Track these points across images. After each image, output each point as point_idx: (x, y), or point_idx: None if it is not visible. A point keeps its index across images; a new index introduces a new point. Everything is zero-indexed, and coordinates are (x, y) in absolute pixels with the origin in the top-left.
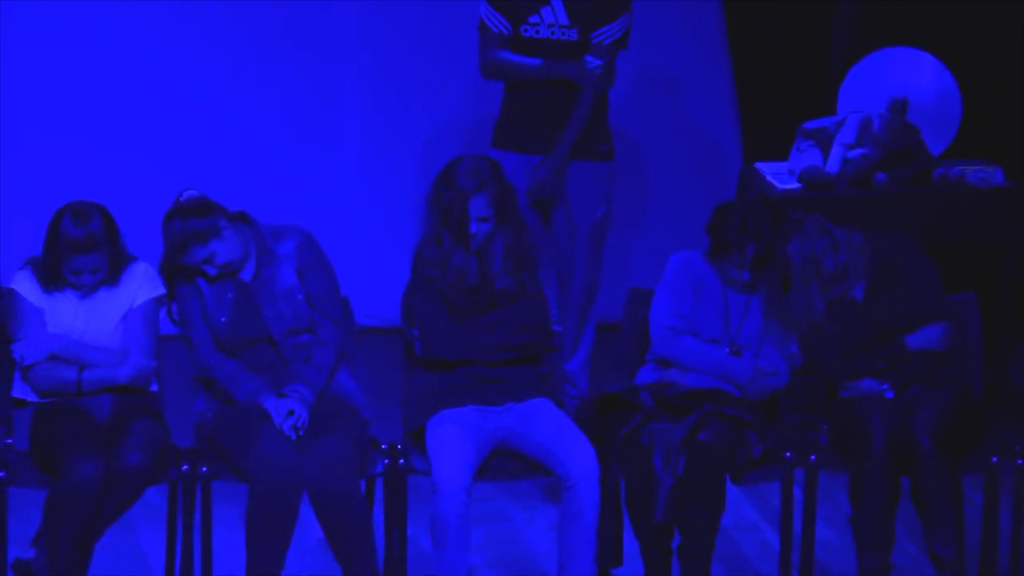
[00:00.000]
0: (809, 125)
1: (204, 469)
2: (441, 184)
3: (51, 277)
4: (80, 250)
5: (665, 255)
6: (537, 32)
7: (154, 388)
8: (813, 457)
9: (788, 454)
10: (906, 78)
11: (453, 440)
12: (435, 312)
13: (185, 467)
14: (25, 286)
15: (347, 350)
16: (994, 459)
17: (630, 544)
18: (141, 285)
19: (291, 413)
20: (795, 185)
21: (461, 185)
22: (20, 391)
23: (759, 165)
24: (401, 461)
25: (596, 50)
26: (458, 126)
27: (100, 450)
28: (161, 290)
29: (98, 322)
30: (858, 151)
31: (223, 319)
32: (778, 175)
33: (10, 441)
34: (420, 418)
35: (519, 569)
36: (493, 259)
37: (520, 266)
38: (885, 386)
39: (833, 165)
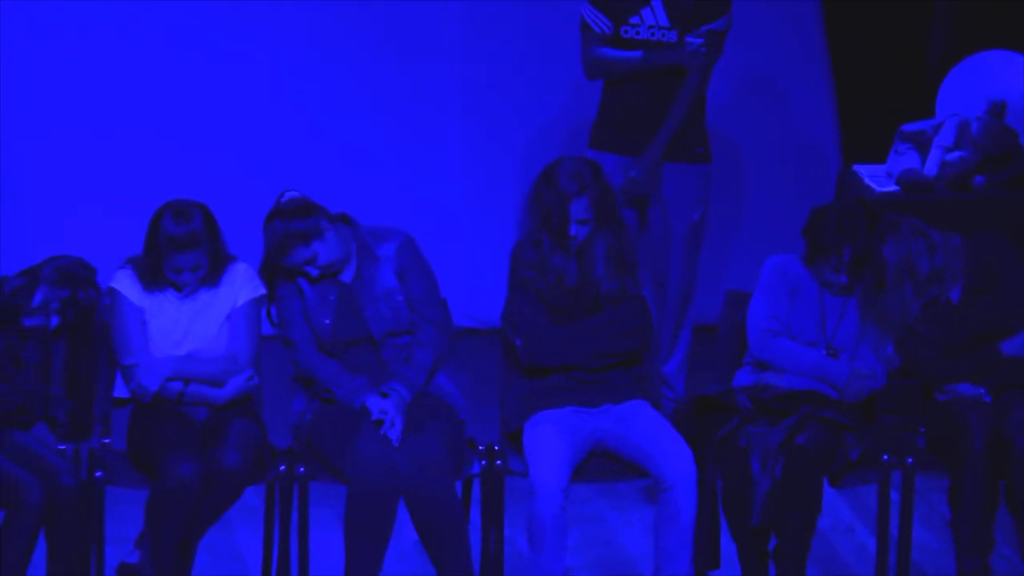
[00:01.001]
0: (907, 128)
1: (302, 470)
2: (541, 186)
3: (152, 276)
4: (181, 248)
5: (762, 258)
6: (637, 33)
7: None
8: (910, 460)
9: (885, 457)
10: (1005, 81)
11: (550, 442)
12: (535, 316)
13: (283, 468)
14: (126, 285)
15: (446, 352)
16: None
17: (727, 546)
18: (242, 285)
19: (389, 424)
20: (893, 188)
21: (562, 187)
22: (120, 390)
23: (857, 168)
24: (499, 462)
25: (697, 33)
26: (558, 128)
27: (198, 450)
28: (262, 290)
29: (201, 324)
30: (956, 154)
31: (326, 320)
32: (876, 178)
33: (108, 441)
34: (518, 419)
35: (615, 571)
36: (594, 262)
37: (622, 269)
38: (982, 390)
39: (931, 168)
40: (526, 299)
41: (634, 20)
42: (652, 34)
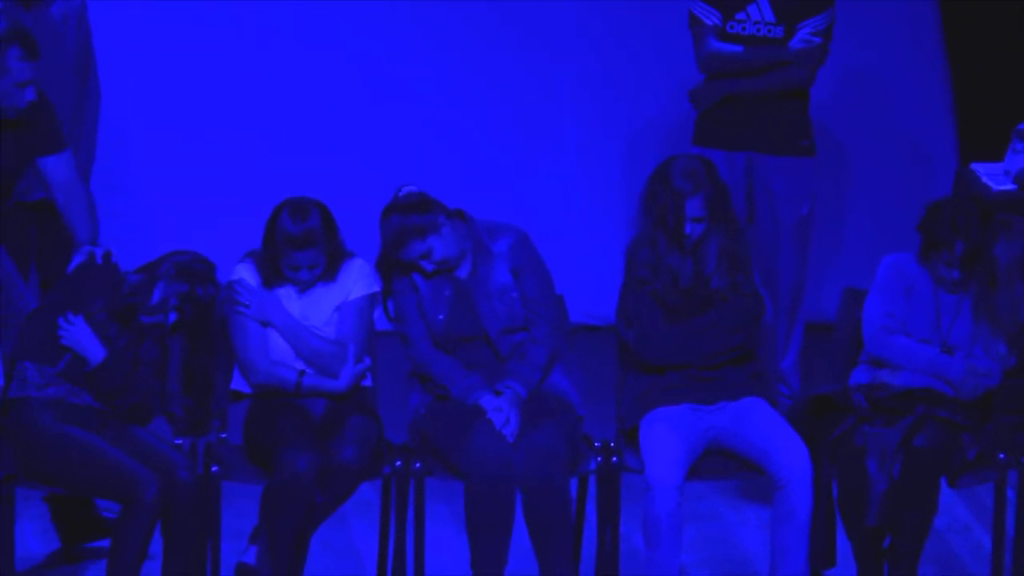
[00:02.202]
0: None
1: (418, 465)
2: (656, 185)
3: (270, 272)
4: (298, 246)
5: (871, 254)
6: (743, 29)
7: (368, 384)
8: None
9: (1002, 456)
10: None
11: (666, 439)
12: (650, 315)
13: (399, 463)
14: (247, 277)
15: (561, 349)
16: None
17: (843, 545)
18: (357, 281)
19: (504, 421)
20: (1011, 186)
21: (677, 186)
22: (238, 383)
23: (975, 166)
24: (614, 459)
25: (801, 28)
26: (660, 126)
27: (314, 445)
28: (376, 287)
29: (315, 318)
30: None
31: (440, 316)
32: (993, 176)
33: (225, 435)
34: (634, 416)
35: (731, 568)
36: (707, 260)
37: (735, 266)
38: None
39: None
40: (641, 297)
41: (740, 16)
42: (758, 30)
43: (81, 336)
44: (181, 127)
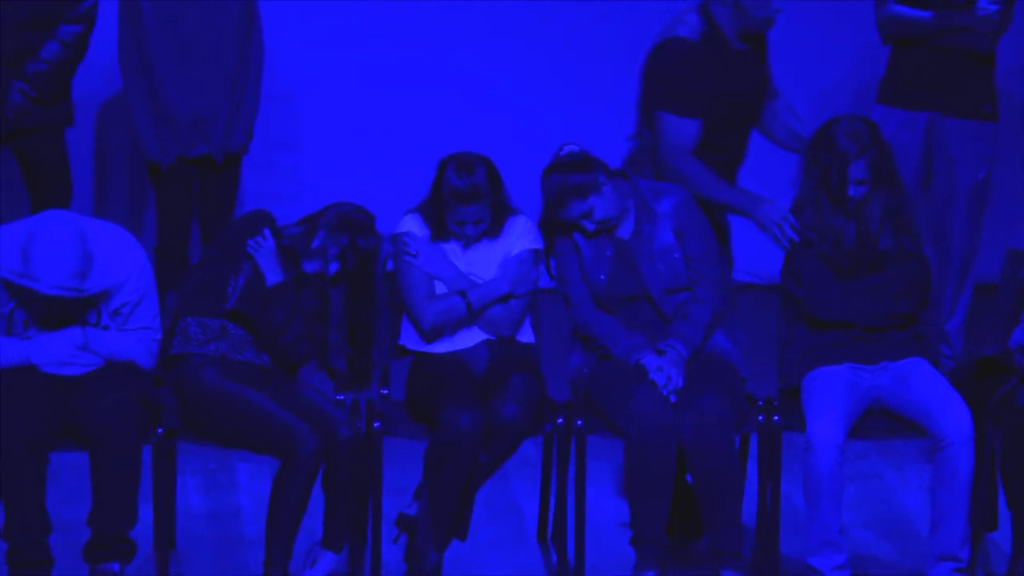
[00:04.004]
0: None
1: (579, 423)
2: (819, 146)
3: (436, 227)
4: (464, 200)
5: None
6: None
7: (531, 340)
8: None
9: None
10: None
11: (829, 397)
12: (820, 274)
13: (560, 421)
14: (415, 229)
15: (724, 308)
16: None
17: (1005, 507)
18: (520, 236)
19: (665, 381)
20: None
21: (841, 148)
22: (406, 338)
23: None
24: (776, 418)
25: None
26: (843, 90)
27: (477, 403)
28: (539, 243)
29: (479, 273)
30: None
31: (602, 276)
32: None
33: (385, 392)
34: (797, 374)
35: (891, 528)
36: (870, 221)
37: (899, 228)
38: None
39: None
40: (810, 259)
41: None
42: None
43: (268, 255)
44: (347, 83)
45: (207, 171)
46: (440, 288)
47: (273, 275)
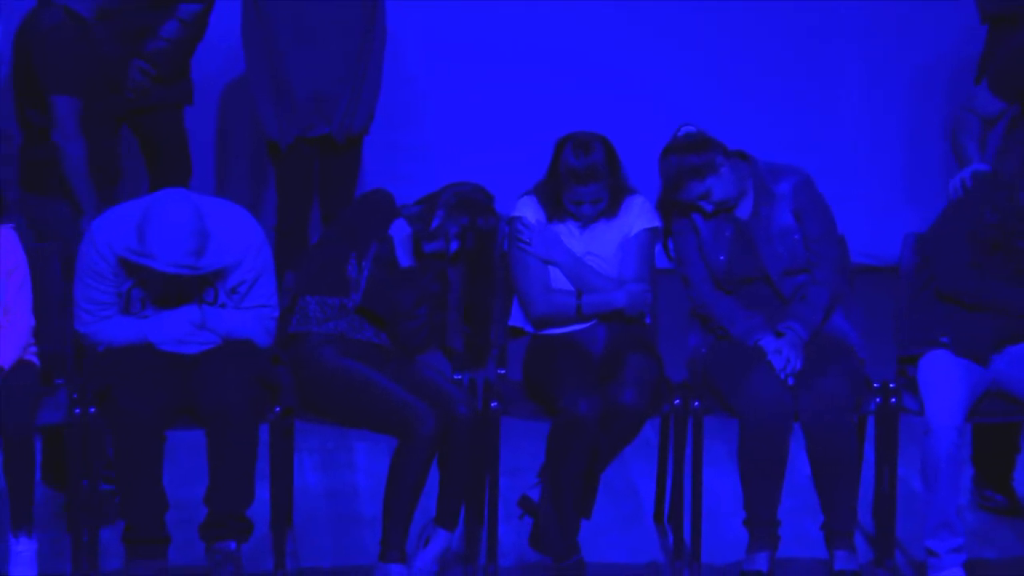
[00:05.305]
0: None
1: (697, 404)
2: None
3: (553, 207)
4: (581, 180)
5: None
6: None
7: (648, 321)
8: None
9: None
10: None
11: (947, 380)
12: (959, 250)
13: (678, 401)
14: (529, 213)
15: (843, 290)
16: None
17: None
18: (638, 216)
19: (784, 362)
20: None
21: None
22: (517, 319)
23: None
24: (893, 400)
25: None
26: (943, 69)
27: (594, 387)
28: (657, 223)
29: (596, 254)
30: None
31: (721, 257)
32: None
33: (503, 372)
34: (913, 345)
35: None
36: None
37: None
38: None
39: None
40: (956, 232)
41: None
42: None
43: (401, 240)
44: (466, 66)
45: (328, 152)
46: (555, 274)
47: (405, 258)
